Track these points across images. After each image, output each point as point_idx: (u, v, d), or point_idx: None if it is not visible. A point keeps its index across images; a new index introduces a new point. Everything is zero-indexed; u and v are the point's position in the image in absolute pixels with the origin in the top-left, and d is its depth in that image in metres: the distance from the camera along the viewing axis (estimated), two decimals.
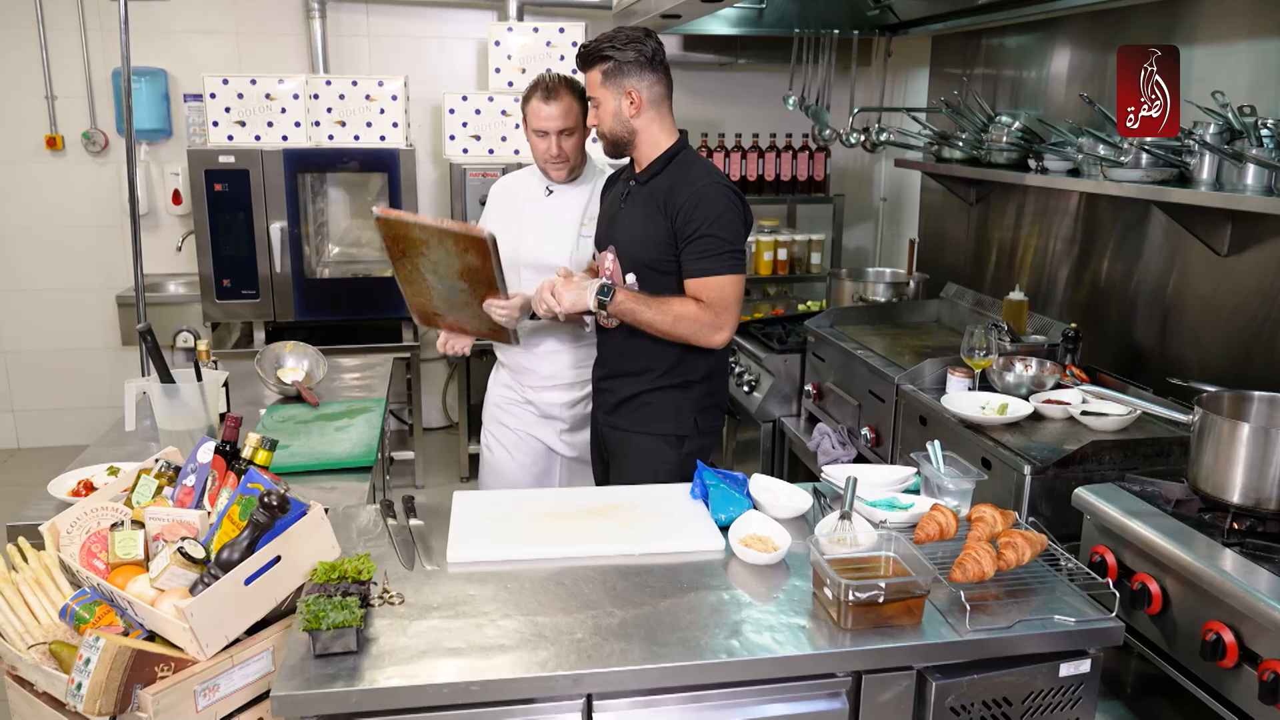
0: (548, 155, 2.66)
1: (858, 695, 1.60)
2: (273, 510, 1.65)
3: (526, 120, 2.66)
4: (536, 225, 2.77)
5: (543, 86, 2.60)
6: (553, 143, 2.62)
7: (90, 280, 4.88)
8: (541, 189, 2.78)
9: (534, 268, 2.74)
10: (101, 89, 4.68)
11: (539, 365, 2.85)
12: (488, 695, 1.48)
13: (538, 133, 2.63)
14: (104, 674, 1.50)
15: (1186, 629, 1.71)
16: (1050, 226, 3.50)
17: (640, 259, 2.40)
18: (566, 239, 2.75)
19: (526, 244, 2.77)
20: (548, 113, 2.59)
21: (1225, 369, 2.63)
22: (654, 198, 2.38)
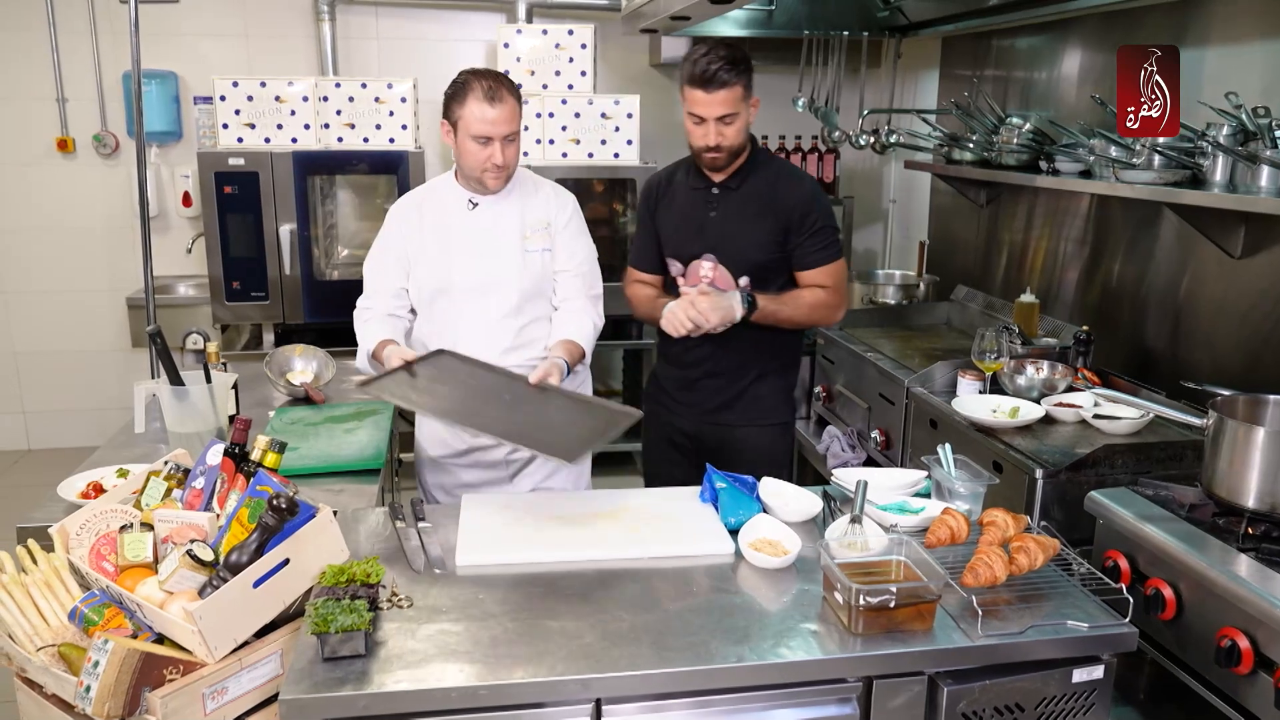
0: (488, 164, 2.32)
1: (868, 701, 1.59)
2: (281, 513, 1.65)
3: (457, 124, 2.31)
4: (468, 245, 2.44)
5: (483, 86, 2.27)
6: (497, 150, 2.30)
7: (100, 282, 4.90)
8: (463, 202, 2.44)
9: (472, 292, 2.43)
10: (112, 91, 4.69)
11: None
12: (496, 700, 1.47)
13: (477, 139, 2.29)
14: (113, 676, 1.50)
15: (1201, 635, 1.70)
16: (1061, 228, 3.48)
17: (754, 260, 2.45)
18: (508, 256, 2.44)
19: (460, 266, 2.43)
20: (493, 116, 2.26)
21: (1238, 372, 2.61)
22: (756, 200, 2.45)
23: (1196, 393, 2.46)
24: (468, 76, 2.34)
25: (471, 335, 2.42)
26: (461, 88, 2.31)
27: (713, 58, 2.31)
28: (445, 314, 2.46)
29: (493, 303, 2.44)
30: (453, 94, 2.34)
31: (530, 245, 2.46)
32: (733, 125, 2.36)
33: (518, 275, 2.44)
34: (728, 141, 2.37)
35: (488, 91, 2.27)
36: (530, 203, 2.48)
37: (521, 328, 2.47)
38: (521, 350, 2.46)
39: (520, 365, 2.40)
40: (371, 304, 2.49)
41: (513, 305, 2.45)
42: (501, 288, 2.43)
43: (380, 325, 2.42)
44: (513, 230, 2.45)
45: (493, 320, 2.44)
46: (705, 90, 2.31)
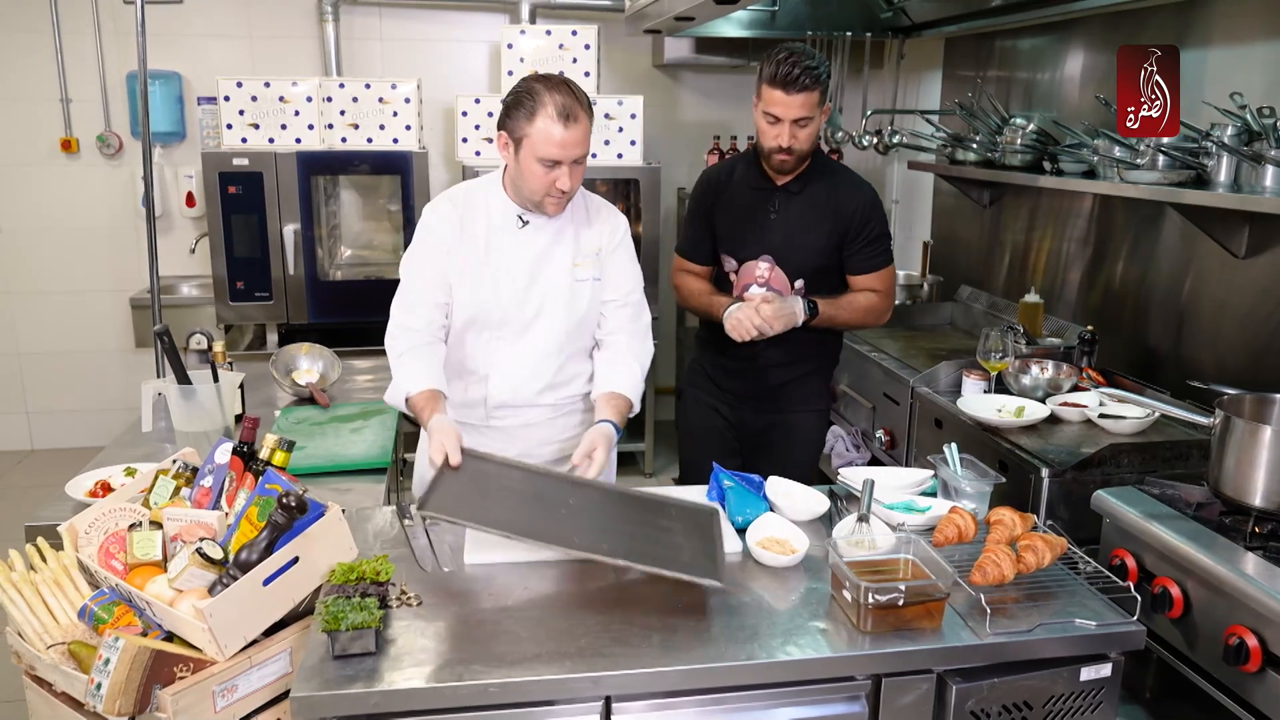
0: (552, 189, 2.08)
1: (877, 699, 1.59)
2: (291, 511, 1.65)
3: (520, 141, 2.04)
4: (514, 270, 2.17)
5: (556, 103, 1.99)
6: (564, 174, 2.05)
7: (103, 282, 4.90)
8: (512, 218, 2.18)
9: (513, 324, 2.19)
10: (116, 92, 4.70)
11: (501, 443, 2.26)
12: (507, 697, 1.48)
13: (544, 161, 2.03)
14: (123, 674, 1.50)
15: (1208, 633, 1.70)
16: (1064, 229, 3.48)
17: (811, 264, 2.50)
18: (557, 286, 2.20)
19: (503, 294, 2.17)
20: (565, 139, 2.00)
21: (1241, 372, 2.62)
22: (817, 205, 2.49)
23: (1202, 392, 2.46)
24: (538, 88, 2.02)
25: (507, 372, 2.22)
26: (530, 101, 2.01)
27: (796, 60, 2.32)
28: (478, 345, 2.22)
29: (534, 337, 2.21)
30: (516, 105, 2.04)
31: (580, 274, 2.22)
32: (806, 129, 2.37)
33: (565, 309, 2.21)
34: (800, 145, 2.39)
35: (562, 110, 1.99)
36: (584, 225, 2.23)
37: (562, 365, 2.25)
38: (560, 389, 2.27)
39: (557, 404, 2.28)
40: (412, 322, 2.18)
41: (556, 342, 2.22)
42: (546, 321, 2.20)
43: (424, 360, 2.13)
44: (564, 256, 2.21)
45: (533, 358, 2.22)
46: (786, 91, 2.32)
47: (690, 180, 5.12)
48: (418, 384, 2.08)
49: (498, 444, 2.22)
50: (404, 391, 2.10)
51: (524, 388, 2.23)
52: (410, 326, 2.18)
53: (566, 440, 2.30)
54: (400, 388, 2.11)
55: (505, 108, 2.08)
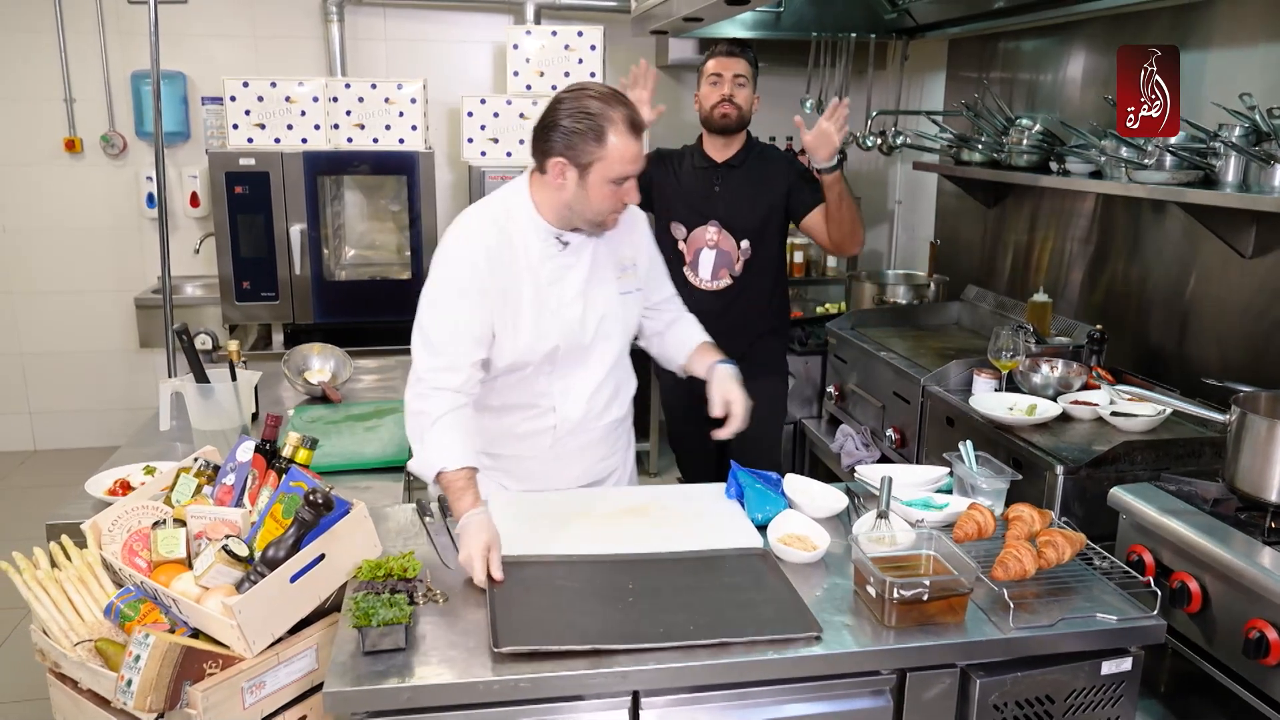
0: (619, 206, 1.96)
1: (901, 693, 1.61)
2: (318, 508, 1.66)
3: (589, 166, 1.88)
4: (568, 298, 2.05)
5: (623, 117, 1.86)
6: (632, 187, 1.94)
7: (107, 282, 4.90)
8: (550, 241, 2.03)
9: (575, 354, 2.09)
10: (120, 92, 4.70)
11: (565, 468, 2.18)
12: (537, 692, 1.49)
13: (616, 180, 1.90)
14: (154, 670, 1.51)
15: (1227, 627, 1.72)
16: (1069, 229, 3.50)
17: (753, 226, 2.95)
18: (609, 305, 2.10)
19: (563, 327, 2.04)
20: (639, 151, 1.91)
21: (1248, 370, 2.63)
22: (754, 175, 2.98)
23: (1210, 390, 2.49)
24: (598, 106, 1.85)
25: (576, 399, 2.12)
26: (595, 122, 1.85)
27: (733, 40, 3.03)
28: (539, 379, 2.09)
29: (595, 361, 2.11)
30: (576, 128, 1.86)
31: (624, 286, 2.12)
32: (744, 89, 2.91)
33: (620, 326, 2.12)
34: (739, 99, 2.89)
35: (630, 121, 1.87)
36: (618, 235, 2.09)
37: (617, 383, 2.19)
38: (614, 404, 2.20)
39: (611, 420, 2.21)
40: (450, 381, 1.96)
41: (614, 359, 2.14)
42: (604, 343, 2.10)
43: (459, 431, 1.93)
44: (609, 271, 2.10)
45: (596, 380, 2.13)
46: (726, 56, 2.91)
47: None
48: (454, 460, 1.87)
49: (558, 472, 2.17)
50: (437, 466, 1.88)
51: (590, 412, 2.15)
52: (448, 387, 1.95)
53: (615, 454, 2.28)
54: (433, 462, 1.89)
55: (560, 132, 1.88)
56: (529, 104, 4.36)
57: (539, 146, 1.94)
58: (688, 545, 1.87)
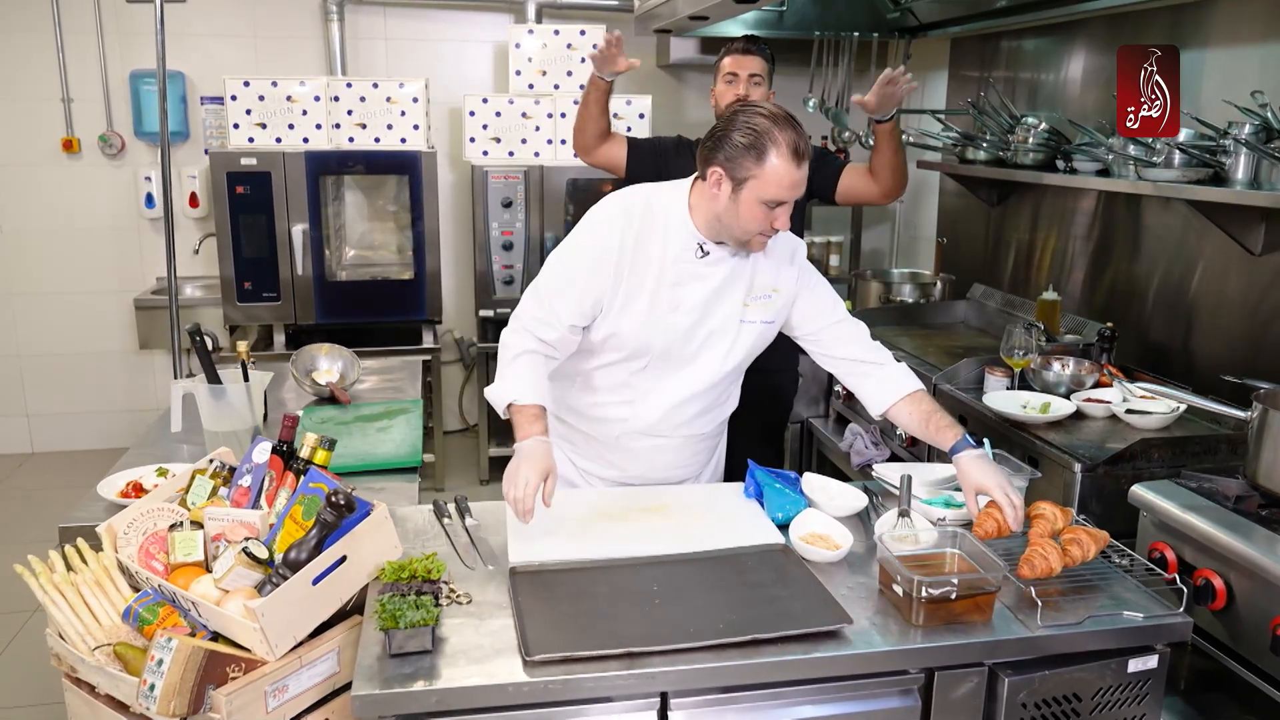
0: (767, 229, 1.93)
1: (929, 692, 1.60)
2: (340, 509, 1.64)
3: (744, 181, 1.87)
4: (686, 304, 2.02)
5: (788, 141, 1.84)
6: (783, 215, 1.91)
7: (106, 283, 4.86)
8: (692, 245, 2.00)
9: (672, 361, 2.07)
10: (118, 92, 4.66)
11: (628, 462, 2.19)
12: (566, 694, 1.47)
13: (769, 203, 1.88)
14: (178, 674, 1.49)
15: (1253, 624, 1.72)
16: (1074, 227, 3.51)
17: None
18: (726, 326, 2.06)
19: (668, 329, 2.02)
20: (799, 178, 1.88)
21: (1256, 367, 2.63)
22: None
23: (1222, 386, 2.49)
24: (767, 125, 1.85)
25: (655, 404, 2.10)
26: (761, 140, 1.84)
27: (750, 37, 2.92)
28: (627, 371, 2.08)
29: (690, 376, 2.08)
30: (743, 144, 1.86)
31: (749, 315, 2.06)
32: (759, 89, 2.87)
33: (728, 351, 2.07)
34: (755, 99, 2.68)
35: (795, 148, 1.85)
36: (761, 258, 2.05)
37: (709, 403, 2.15)
38: (698, 421, 2.17)
39: (690, 435, 2.18)
40: (545, 334, 2.00)
41: (711, 381, 2.09)
42: (706, 361, 2.07)
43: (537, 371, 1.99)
44: (738, 294, 2.05)
45: (684, 394, 2.09)
46: (742, 54, 2.88)
47: None
48: (526, 395, 1.93)
49: (621, 463, 2.18)
50: (509, 397, 1.94)
51: (667, 421, 2.12)
52: (541, 337, 2.01)
53: (686, 465, 2.25)
54: (506, 394, 1.95)
55: (727, 143, 1.88)
56: (531, 103, 4.35)
57: (705, 154, 1.94)
58: (709, 544, 1.86)
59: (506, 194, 4.24)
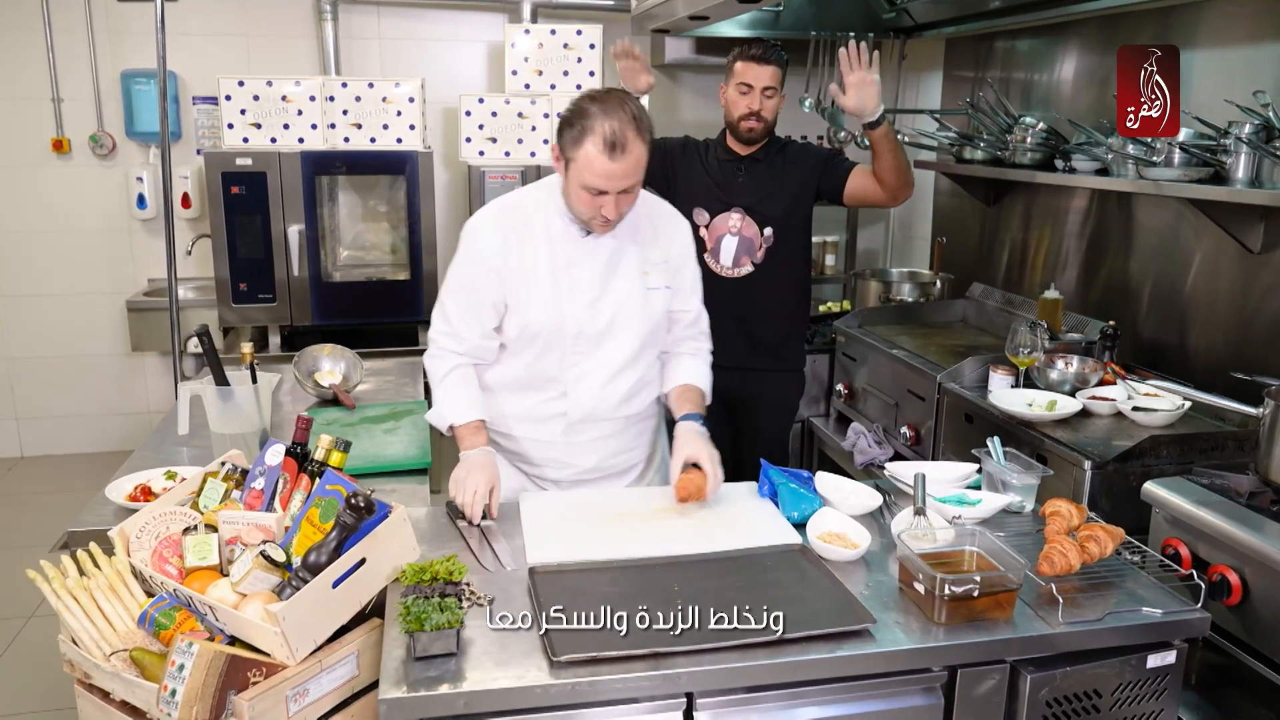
0: (597, 215, 2.01)
1: (951, 690, 1.60)
2: (360, 512, 1.63)
3: (569, 162, 1.97)
4: (583, 281, 2.11)
5: (605, 133, 1.89)
6: (610, 203, 1.97)
7: (98, 285, 4.81)
8: (574, 226, 2.10)
9: (588, 339, 2.13)
10: (109, 91, 4.61)
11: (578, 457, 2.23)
12: (595, 695, 1.47)
13: (588, 189, 1.96)
14: (200, 679, 1.48)
15: (1269, 618, 1.73)
16: (1070, 226, 3.53)
17: (776, 215, 2.94)
18: (629, 295, 2.14)
19: (574, 307, 2.09)
20: (612, 170, 1.92)
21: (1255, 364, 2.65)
22: (778, 168, 2.96)
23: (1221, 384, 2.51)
24: (591, 109, 1.91)
25: (588, 387, 2.15)
26: (582, 126, 1.92)
27: (766, 42, 2.84)
28: (551, 361, 2.14)
29: (611, 351, 2.14)
30: (568, 124, 1.96)
31: (651, 282, 2.16)
32: (772, 100, 2.84)
33: (640, 318, 2.14)
34: (767, 113, 2.83)
35: (609, 140, 1.89)
36: (649, 233, 2.16)
37: (638, 379, 2.21)
38: (634, 399, 2.23)
39: (630, 416, 2.23)
40: (455, 346, 2.15)
41: (633, 352, 2.16)
42: (622, 333, 2.13)
43: (468, 387, 2.15)
44: (633, 263, 2.14)
45: (611, 370, 2.15)
46: (758, 63, 2.79)
47: None
48: (462, 415, 2.12)
49: (571, 459, 2.21)
50: (449, 420, 2.13)
51: (604, 403, 2.17)
52: (454, 350, 2.17)
53: (635, 449, 2.30)
54: (445, 416, 2.14)
55: (563, 121, 1.98)
56: (527, 103, 4.33)
57: (559, 128, 2.03)
58: (727, 545, 1.86)
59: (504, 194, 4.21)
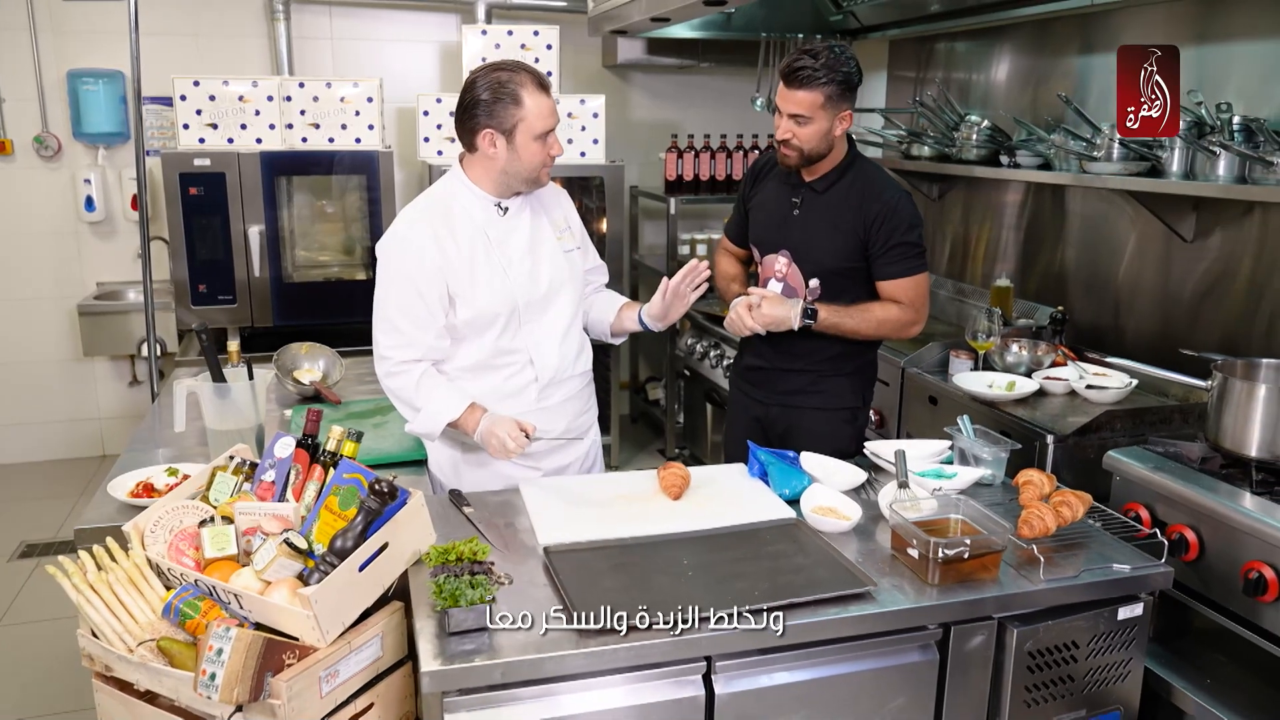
0: (548, 158, 2.16)
1: (945, 647, 1.73)
2: (384, 497, 1.69)
3: (514, 128, 2.08)
4: (518, 255, 2.23)
5: (531, 78, 2.09)
6: (555, 140, 2.15)
7: (44, 290, 4.70)
8: (491, 209, 2.21)
9: (536, 306, 2.25)
10: (53, 92, 4.51)
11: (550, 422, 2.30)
12: (620, 662, 1.55)
13: (540, 137, 2.11)
14: (239, 662, 1.52)
15: (1224, 571, 1.90)
16: (1014, 218, 3.73)
17: (828, 265, 2.45)
18: (556, 260, 2.29)
19: (518, 281, 2.21)
20: (552, 105, 2.12)
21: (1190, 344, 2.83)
22: (841, 207, 2.44)
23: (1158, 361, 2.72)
24: (505, 78, 2.07)
25: (548, 349, 2.28)
26: (509, 92, 2.06)
27: (808, 58, 2.31)
28: (508, 334, 2.24)
29: (555, 313, 2.28)
30: (496, 99, 2.07)
31: (567, 244, 2.32)
32: (806, 128, 2.34)
33: (569, 279, 2.30)
34: (797, 141, 2.36)
35: (538, 81, 2.10)
36: (543, 202, 2.32)
37: (579, 339, 2.37)
38: (582, 356, 2.37)
39: (584, 372, 2.37)
40: (411, 355, 2.19)
41: (574, 308, 2.31)
42: (560, 295, 2.28)
43: (441, 385, 2.21)
44: (547, 231, 2.30)
45: (562, 327, 2.29)
46: (787, 85, 2.34)
47: (642, 180, 5.24)
48: (455, 408, 2.18)
49: (545, 424, 2.26)
50: (445, 419, 2.18)
51: (563, 360, 2.30)
52: (412, 359, 2.20)
53: (589, 410, 2.46)
54: (440, 417, 2.18)
55: (482, 106, 2.08)
56: None
57: (464, 126, 2.14)
58: (726, 521, 1.96)
59: None
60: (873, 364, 2.64)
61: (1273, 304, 2.63)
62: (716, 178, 4.78)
